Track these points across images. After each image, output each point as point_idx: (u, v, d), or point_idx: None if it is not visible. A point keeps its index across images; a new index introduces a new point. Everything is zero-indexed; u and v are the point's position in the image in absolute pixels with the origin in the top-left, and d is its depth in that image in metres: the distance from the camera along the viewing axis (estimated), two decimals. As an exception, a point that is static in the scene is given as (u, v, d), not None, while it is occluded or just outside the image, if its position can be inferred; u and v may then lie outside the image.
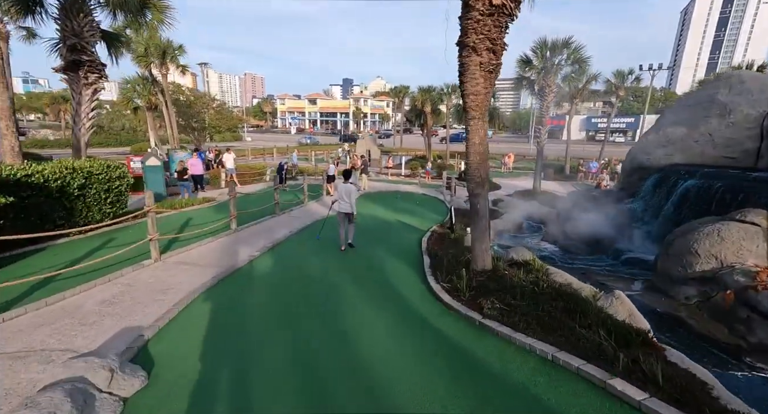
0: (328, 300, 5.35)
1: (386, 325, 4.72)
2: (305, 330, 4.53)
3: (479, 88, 4.95)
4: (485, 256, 5.87)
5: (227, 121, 37.25)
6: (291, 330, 4.53)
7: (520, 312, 4.61)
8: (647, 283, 7.73)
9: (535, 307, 4.68)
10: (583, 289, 5.26)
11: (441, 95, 30.69)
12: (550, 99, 17.56)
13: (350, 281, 6.02)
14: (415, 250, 7.94)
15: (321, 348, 4.09)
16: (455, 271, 5.75)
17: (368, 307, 5.19)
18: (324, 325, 4.68)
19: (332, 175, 15.99)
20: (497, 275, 5.62)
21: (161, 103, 22.79)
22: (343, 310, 5.07)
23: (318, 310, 5.06)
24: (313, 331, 4.49)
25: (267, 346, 4.11)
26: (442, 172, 26.20)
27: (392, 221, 11.14)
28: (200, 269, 6.12)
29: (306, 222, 10.29)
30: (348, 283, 5.96)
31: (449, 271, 5.90)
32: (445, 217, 11.85)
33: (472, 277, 5.54)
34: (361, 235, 9.10)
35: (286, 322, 4.75)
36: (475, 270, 5.82)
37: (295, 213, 11.80)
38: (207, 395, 3.30)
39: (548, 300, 4.84)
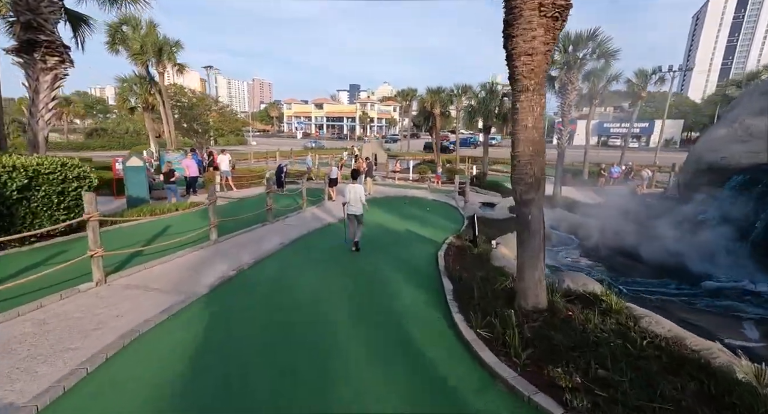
0: (312, 355, 3.69)
1: (394, 407, 3.05)
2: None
3: (536, 44, 3.45)
4: (538, 290, 4.23)
5: (230, 124, 36.34)
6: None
7: (626, 401, 2.83)
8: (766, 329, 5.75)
9: (647, 389, 2.96)
10: (712, 351, 3.45)
11: (451, 97, 29.35)
12: (572, 97, 16.09)
13: (347, 319, 4.51)
14: (431, 268, 6.49)
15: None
16: (493, 308, 4.24)
17: (370, 369, 3.54)
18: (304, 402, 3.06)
19: (334, 178, 14.65)
20: (558, 318, 4.02)
21: (159, 103, 21.76)
22: (332, 374, 3.43)
23: (296, 376, 3.37)
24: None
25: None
26: (453, 176, 24.82)
27: (401, 231, 9.71)
28: (152, 296, 4.75)
29: (302, 231, 8.91)
30: (345, 323, 4.41)
31: (485, 308, 4.33)
32: (461, 226, 10.39)
33: (522, 321, 3.96)
34: (366, 247, 7.70)
35: (251, 394, 3.15)
36: (524, 308, 4.21)
37: (291, 220, 10.43)
38: None
39: (660, 372, 3.18)
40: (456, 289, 5.14)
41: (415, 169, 26.83)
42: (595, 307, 4.28)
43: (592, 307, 4.29)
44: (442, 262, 6.63)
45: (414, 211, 13.06)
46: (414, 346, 3.91)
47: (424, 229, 9.81)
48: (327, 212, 11.95)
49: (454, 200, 16.14)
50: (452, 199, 16.71)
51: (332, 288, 5.33)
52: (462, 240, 8.33)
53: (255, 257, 6.51)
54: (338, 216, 11.15)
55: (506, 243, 7.95)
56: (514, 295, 4.52)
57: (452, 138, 60.72)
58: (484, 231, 8.66)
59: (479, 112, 22.23)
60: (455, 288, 5.20)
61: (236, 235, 8.15)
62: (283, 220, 10.24)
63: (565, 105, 16.21)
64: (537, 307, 4.20)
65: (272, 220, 9.75)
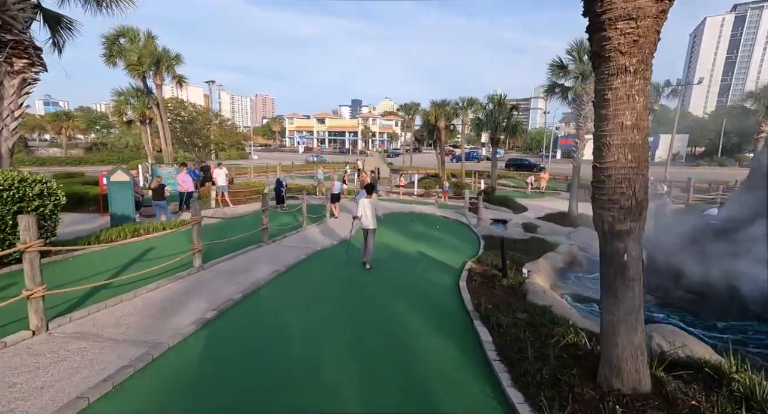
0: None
1: None
2: None
3: (644, 2, 2.38)
4: (638, 363, 2.91)
5: (231, 138, 35.82)
6: None
7: None
8: None
9: None
10: None
11: (456, 109, 28.73)
12: (588, 109, 15.26)
13: (356, 395, 3.18)
14: (455, 304, 5.39)
15: None
16: (568, 386, 2.97)
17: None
18: None
19: (337, 193, 13.70)
20: (677, 411, 2.68)
21: (156, 116, 21.09)
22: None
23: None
24: None
25: None
26: (460, 191, 23.87)
27: (412, 253, 8.66)
28: (102, 351, 3.61)
29: (300, 255, 7.87)
30: (351, 400, 3.11)
31: (552, 382, 3.04)
32: (478, 248, 9.33)
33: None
34: (376, 274, 6.69)
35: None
36: (618, 389, 2.91)
37: (290, 241, 9.40)
38: None
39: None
40: (498, 342, 3.92)
41: (420, 184, 25.93)
42: (722, 388, 2.92)
43: (717, 388, 2.94)
44: (467, 295, 5.54)
45: (423, 229, 12.03)
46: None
47: (437, 252, 8.76)
48: (329, 232, 10.93)
49: (465, 217, 15.12)
50: (462, 215, 15.70)
51: (335, 339, 4.16)
52: (483, 265, 7.25)
53: (242, 290, 5.45)
54: (341, 236, 10.14)
55: (537, 270, 6.88)
56: (590, 360, 3.32)
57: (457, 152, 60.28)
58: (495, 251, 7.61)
59: (486, 124, 21.47)
60: (496, 340, 3.97)
61: (224, 261, 7.11)
62: (280, 241, 9.21)
63: (580, 117, 15.38)
64: (638, 389, 2.87)
65: (268, 241, 8.73)
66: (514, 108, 20.59)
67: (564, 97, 16.33)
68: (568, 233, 10.64)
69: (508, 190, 25.66)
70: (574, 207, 16.09)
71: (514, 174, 37.47)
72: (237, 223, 11.13)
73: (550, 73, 15.79)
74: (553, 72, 15.54)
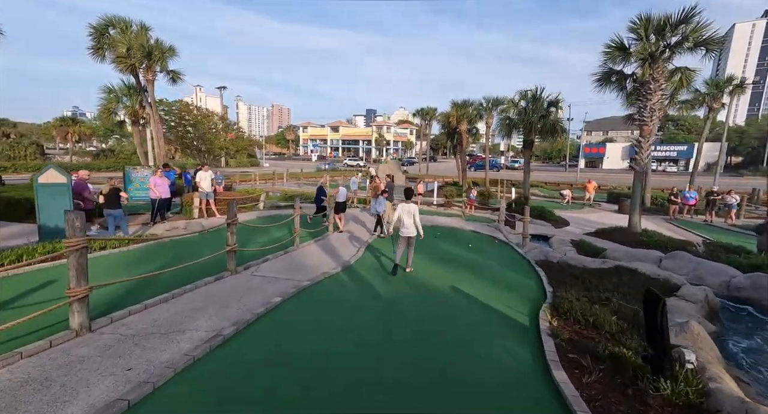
0: None
1: None
2: None
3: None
4: None
5: (237, 143, 33.91)
6: None
7: None
8: None
9: None
10: None
11: (479, 111, 25.94)
12: (656, 99, 12.25)
13: None
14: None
15: None
16: None
17: None
18: None
19: (342, 202, 11.02)
20: None
21: (150, 116, 19.05)
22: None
23: None
24: None
25: None
26: (486, 200, 20.90)
27: (445, 293, 5.81)
28: None
29: (273, 295, 5.11)
30: None
31: None
32: (538, 283, 6.39)
33: None
34: (393, 338, 3.90)
35: None
36: None
37: (269, 267, 6.68)
38: None
39: None
40: None
41: (439, 192, 23.07)
42: None
43: None
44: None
45: (452, 249, 9.18)
46: None
47: (481, 288, 5.89)
48: (330, 252, 8.21)
49: (501, 233, 12.18)
50: (496, 230, 12.77)
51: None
52: (575, 325, 4.28)
53: (164, 370, 2.76)
54: (344, 259, 7.39)
55: (696, 346, 3.77)
56: None
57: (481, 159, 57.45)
58: (568, 289, 4.66)
59: (519, 124, 18.56)
60: None
61: (147, 310, 4.41)
62: (256, 268, 6.51)
63: (646, 109, 12.35)
64: None
65: (236, 270, 6.03)
66: (553, 104, 17.65)
67: (621, 87, 13.36)
68: (657, 259, 7.62)
69: (540, 201, 22.54)
70: (636, 221, 12.93)
71: (541, 183, 34.20)
72: (209, 240, 8.53)
73: (605, 59, 12.88)
74: (609, 56, 12.62)
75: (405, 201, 6.57)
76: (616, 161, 70.95)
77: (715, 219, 17.08)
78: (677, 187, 18.45)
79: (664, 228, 14.75)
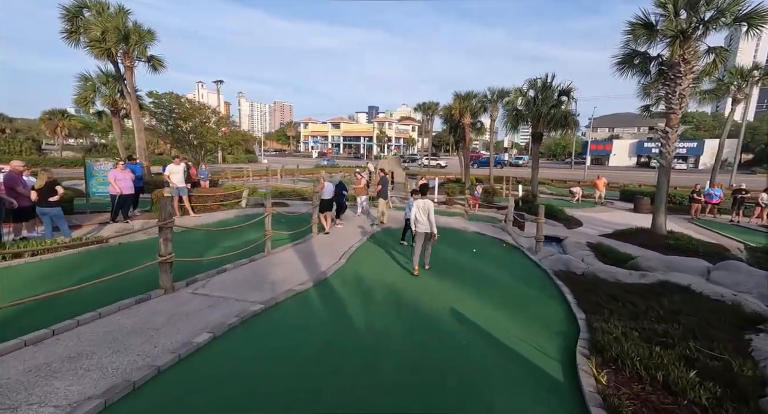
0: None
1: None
2: None
3: None
4: None
5: (231, 137, 32.48)
6: None
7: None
8: None
9: None
10: None
11: (483, 103, 24.43)
12: (686, 84, 10.77)
13: None
14: None
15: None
16: None
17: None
18: None
19: (329, 199, 9.64)
20: None
21: (130, 106, 17.72)
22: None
23: None
24: None
25: None
26: (491, 198, 19.47)
27: (441, 320, 4.44)
28: None
29: (223, 317, 3.80)
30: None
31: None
32: (565, 305, 5.01)
33: None
34: (369, 399, 2.52)
35: None
36: None
37: (220, 282, 5.30)
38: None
39: None
40: None
41: (441, 190, 21.67)
42: None
43: None
44: None
45: (452, 255, 7.80)
46: None
47: (490, 318, 4.51)
48: (306, 259, 6.86)
49: (510, 235, 10.79)
50: (502, 231, 11.38)
51: None
52: (636, 383, 2.89)
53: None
54: (321, 270, 6.02)
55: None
56: None
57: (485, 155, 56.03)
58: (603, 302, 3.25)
59: (527, 115, 17.07)
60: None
61: (35, 345, 3.08)
62: (202, 284, 5.14)
63: (674, 96, 10.88)
64: None
65: (171, 286, 4.67)
66: (565, 93, 16.16)
67: (644, 71, 11.86)
68: (704, 271, 6.22)
69: (548, 199, 21.10)
70: (661, 223, 11.49)
71: (547, 180, 32.66)
72: (164, 243, 7.18)
73: (627, 39, 11.41)
74: (633, 35, 11.14)
75: (420, 197, 6.56)
76: (623, 158, 69.15)
77: (741, 219, 15.60)
78: (700, 184, 16.93)
79: (687, 229, 13.28)
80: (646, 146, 66.90)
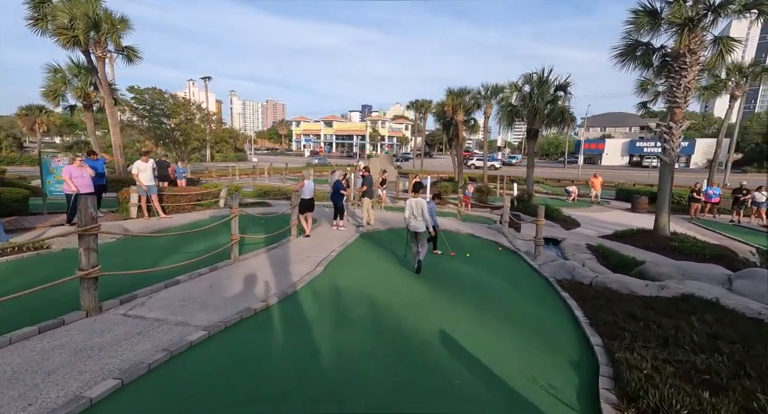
0: None
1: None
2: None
3: None
4: None
5: (217, 134, 31.26)
6: None
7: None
8: None
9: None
10: None
11: (477, 100, 23.74)
12: (692, 76, 10.13)
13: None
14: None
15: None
16: None
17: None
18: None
19: (309, 198, 8.78)
20: None
21: (104, 100, 16.61)
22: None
23: None
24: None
25: None
26: (485, 198, 18.77)
27: (428, 346, 3.65)
28: None
29: (146, 352, 2.96)
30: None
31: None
32: (575, 324, 4.26)
33: None
34: None
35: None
36: None
37: (164, 298, 4.43)
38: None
39: None
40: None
41: (433, 189, 20.91)
42: None
43: None
44: None
45: (443, 261, 7.03)
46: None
47: (487, 344, 3.72)
48: (277, 267, 6.02)
49: (505, 237, 10.05)
50: (498, 233, 10.65)
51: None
52: None
53: None
54: (291, 279, 5.19)
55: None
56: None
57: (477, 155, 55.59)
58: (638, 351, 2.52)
59: (523, 111, 16.37)
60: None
61: None
62: (141, 301, 4.27)
63: (679, 89, 10.24)
64: None
65: (96, 307, 3.80)
66: (561, 88, 15.48)
67: (646, 63, 11.20)
68: (724, 279, 5.52)
69: (543, 198, 20.47)
70: (665, 223, 10.85)
71: (541, 179, 32.13)
72: (127, 248, 6.31)
73: (628, 29, 10.73)
74: (636, 24, 10.46)
75: (413, 195, 6.55)
76: (615, 157, 69.20)
77: (742, 219, 15.10)
78: (699, 183, 16.40)
79: (688, 229, 12.69)
80: (638, 145, 66.99)
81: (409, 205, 6.28)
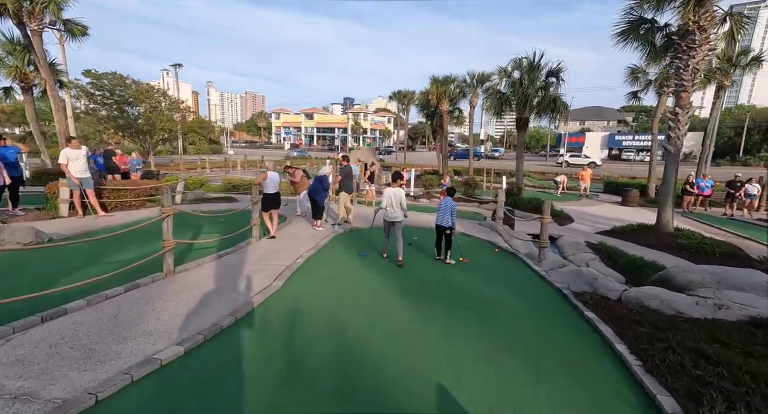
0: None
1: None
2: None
3: None
4: None
5: (185, 124, 28.97)
6: None
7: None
8: None
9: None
10: None
11: (462, 88, 22.61)
12: (701, 56, 9.23)
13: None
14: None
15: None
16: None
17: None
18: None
19: (273, 193, 7.39)
20: None
21: (46, 81, 14.50)
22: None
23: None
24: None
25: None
26: (471, 192, 17.73)
27: (423, 407, 2.44)
28: None
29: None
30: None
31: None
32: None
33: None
34: None
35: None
36: None
37: (29, 343, 3.07)
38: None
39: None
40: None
41: (417, 182, 19.78)
42: None
43: None
44: None
45: (431, 268, 5.84)
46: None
47: (498, 392, 2.57)
48: (226, 281, 4.71)
49: (501, 235, 8.96)
50: (491, 231, 9.57)
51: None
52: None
53: None
54: (241, 298, 3.85)
55: None
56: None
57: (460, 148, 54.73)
58: None
59: (512, 99, 15.32)
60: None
61: None
62: (22, 335, 2.88)
63: (687, 70, 9.33)
64: None
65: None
66: (553, 74, 14.48)
67: (648, 42, 10.25)
68: (766, 286, 4.59)
69: (532, 191, 19.66)
70: (668, 219, 10.02)
71: (527, 171, 31.50)
72: (34, 258, 4.82)
73: (630, 4, 9.74)
74: (638, 1, 9.46)
75: (393, 185, 6.56)
76: (595, 151, 69.91)
77: (736, 212, 14.62)
78: (691, 175, 15.84)
79: (684, 223, 11.98)
80: (617, 139, 67.79)
81: (387, 195, 6.34)
